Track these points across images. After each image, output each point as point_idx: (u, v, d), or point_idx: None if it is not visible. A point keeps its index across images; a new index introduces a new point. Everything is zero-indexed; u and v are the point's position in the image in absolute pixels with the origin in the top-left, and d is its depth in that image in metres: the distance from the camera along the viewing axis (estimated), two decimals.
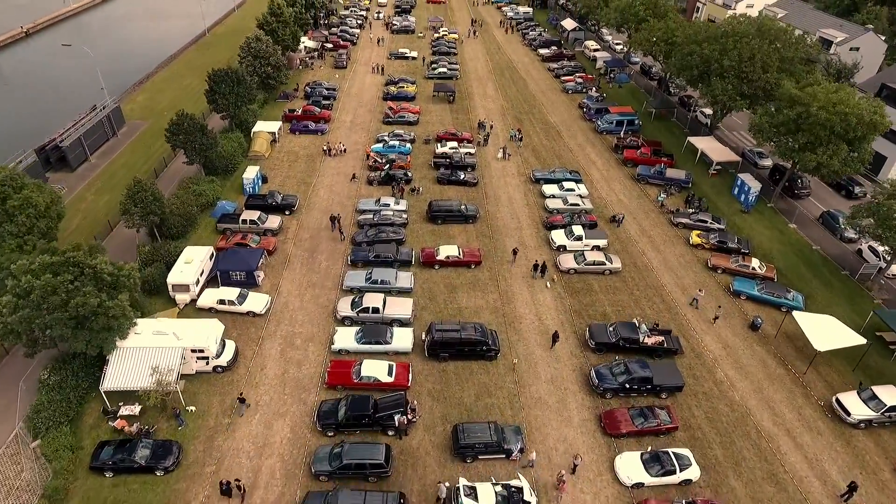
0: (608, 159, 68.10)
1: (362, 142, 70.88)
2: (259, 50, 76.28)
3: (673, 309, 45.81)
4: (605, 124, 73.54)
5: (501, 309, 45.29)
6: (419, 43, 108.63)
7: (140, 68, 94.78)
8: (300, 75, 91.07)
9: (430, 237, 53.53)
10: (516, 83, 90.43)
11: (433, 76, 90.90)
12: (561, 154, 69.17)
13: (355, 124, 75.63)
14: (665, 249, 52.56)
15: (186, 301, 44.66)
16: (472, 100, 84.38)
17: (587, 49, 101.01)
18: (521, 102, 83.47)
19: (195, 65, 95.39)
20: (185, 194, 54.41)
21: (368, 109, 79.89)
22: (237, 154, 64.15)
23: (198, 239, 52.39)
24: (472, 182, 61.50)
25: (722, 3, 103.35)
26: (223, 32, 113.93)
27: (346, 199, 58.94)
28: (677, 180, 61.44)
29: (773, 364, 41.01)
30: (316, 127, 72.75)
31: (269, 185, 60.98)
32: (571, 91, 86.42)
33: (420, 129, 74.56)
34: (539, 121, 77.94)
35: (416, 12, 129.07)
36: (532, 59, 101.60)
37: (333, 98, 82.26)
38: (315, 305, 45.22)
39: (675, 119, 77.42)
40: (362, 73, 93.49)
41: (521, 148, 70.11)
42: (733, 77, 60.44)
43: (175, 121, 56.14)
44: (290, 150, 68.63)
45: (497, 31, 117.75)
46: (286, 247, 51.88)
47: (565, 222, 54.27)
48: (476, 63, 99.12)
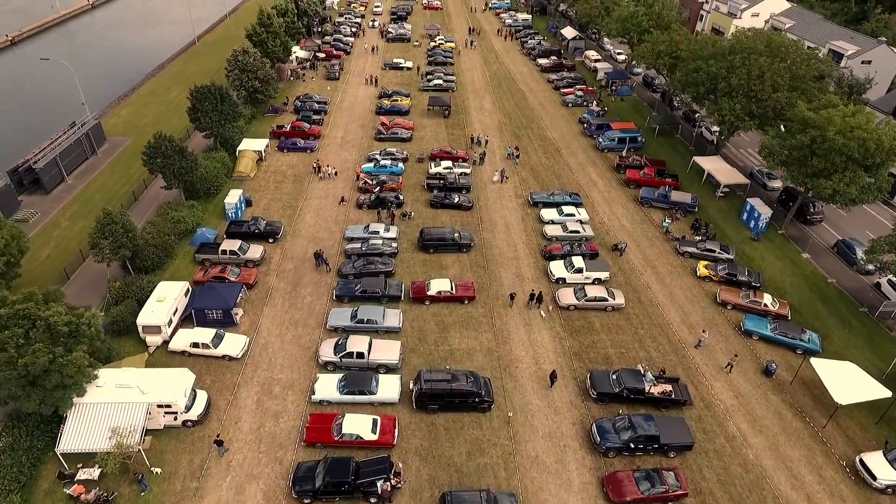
0: (610, 180, 65.02)
1: (353, 160, 67.83)
2: (246, 63, 73.24)
3: (680, 351, 42.73)
4: (606, 141, 70.48)
5: (496, 351, 42.22)
6: (414, 52, 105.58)
7: (126, 79, 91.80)
8: (291, 87, 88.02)
9: (421, 267, 50.47)
10: (514, 96, 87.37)
11: (428, 88, 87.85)
12: (560, 173, 66.11)
13: (346, 141, 72.56)
14: (671, 282, 49.48)
15: (158, 343, 41.61)
16: (469, 114, 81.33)
17: (587, 59, 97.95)
18: (520, 117, 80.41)
19: (183, 76, 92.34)
20: (163, 222, 51.36)
21: (360, 125, 76.83)
22: (221, 175, 61.09)
23: (175, 270, 49.37)
24: (467, 206, 58.43)
25: (727, 11, 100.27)
26: (213, 41, 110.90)
27: (333, 225, 55.89)
28: (683, 204, 58.35)
29: (790, 416, 37.91)
30: (305, 144, 69.70)
31: (253, 210, 57.92)
32: (571, 104, 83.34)
33: (413, 145, 71.51)
34: (538, 137, 74.87)
35: (412, 19, 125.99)
36: (531, 69, 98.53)
37: (324, 112, 79.22)
38: (296, 347, 42.16)
39: (679, 136, 74.33)
40: (355, 84, 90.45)
41: (519, 166, 67.07)
42: (741, 96, 57.34)
43: (152, 143, 53.09)
44: (277, 170, 65.57)
45: (495, 39, 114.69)
46: (268, 279, 48.83)
47: (565, 252, 51.22)
48: (473, 74, 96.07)
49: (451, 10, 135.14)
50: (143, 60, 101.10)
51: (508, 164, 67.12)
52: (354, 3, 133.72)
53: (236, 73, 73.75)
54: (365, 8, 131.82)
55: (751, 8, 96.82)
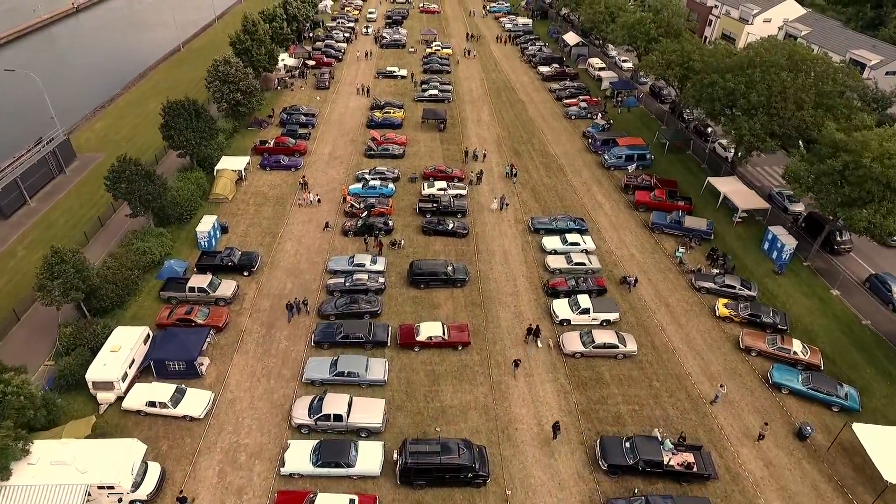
0: (617, 201, 60.16)
1: (340, 179, 63.01)
2: (227, 74, 68.41)
3: (700, 407, 37.89)
4: (612, 159, 65.62)
5: (493, 409, 37.40)
6: (409, 59, 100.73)
7: (104, 89, 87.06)
8: (277, 98, 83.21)
9: (410, 306, 45.65)
10: (514, 107, 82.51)
11: (423, 99, 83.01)
12: (563, 194, 61.26)
13: (334, 157, 67.73)
14: (687, 323, 44.64)
15: (110, 400, 36.83)
16: (466, 126, 76.50)
17: (591, 67, 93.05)
18: (520, 130, 75.57)
19: (164, 86, 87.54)
20: (126, 254, 46.55)
21: (350, 139, 72.00)
22: (195, 198, 56.27)
23: (138, 309, 44.59)
24: (462, 232, 53.60)
25: (738, 17, 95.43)
26: (200, 47, 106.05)
27: (316, 255, 51.07)
28: (698, 231, 53.50)
29: (829, 492, 33.07)
30: (289, 162, 64.85)
31: (229, 237, 53.09)
32: (574, 116, 78.46)
33: (406, 163, 66.68)
34: (539, 153, 70.02)
35: (408, 23, 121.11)
36: (531, 78, 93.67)
37: (312, 125, 74.41)
38: (268, 404, 37.34)
39: (691, 152, 69.43)
40: (346, 94, 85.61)
41: (518, 186, 62.25)
42: (762, 114, 52.50)
43: (115, 167, 48.32)
44: (258, 191, 60.74)
45: (495, 45, 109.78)
46: (240, 320, 44.01)
47: (569, 287, 46.41)
48: (471, 83, 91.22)
49: (449, 14, 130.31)
50: (125, 68, 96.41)
51: (506, 184, 62.29)
52: (348, 6, 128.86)
53: (217, 84, 68.94)
54: (359, 12, 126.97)
55: (763, 13, 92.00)
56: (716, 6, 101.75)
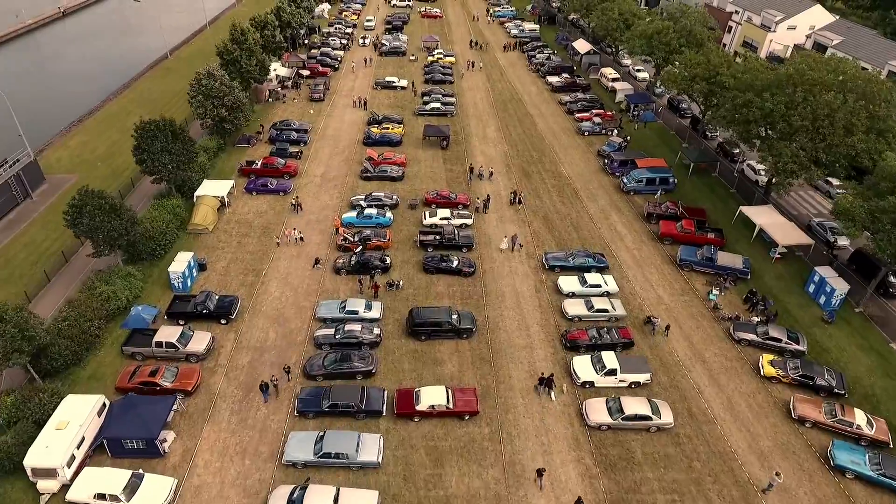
0: (639, 232, 54.37)
1: (333, 205, 57.31)
2: (211, 88, 62.77)
3: (750, 497, 32.09)
4: (632, 182, 59.80)
5: (507, 498, 31.66)
6: (410, 67, 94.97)
7: (84, 101, 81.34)
8: (268, 111, 77.53)
9: (409, 362, 39.92)
10: (522, 121, 76.73)
11: (424, 112, 77.27)
12: (579, 223, 55.49)
13: (327, 180, 62.01)
14: (728, 384, 38.85)
15: (53, 490, 31.18)
16: (470, 143, 70.75)
17: (604, 78, 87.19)
18: (529, 148, 69.79)
19: (148, 97, 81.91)
20: (87, 300, 40.87)
21: (345, 158, 66.28)
22: (172, 229, 50.61)
23: (97, 368, 38.94)
24: (468, 271, 47.85)
25: (760, 24, 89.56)
26: (188, 55, 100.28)
27: (304, 298, 45.36)
28: (733, 269, 47.70)
29: None
30: (277, 185, 59.12)
31: (207, 276, 47.39)
32: (588, 132, 72.67)
33: (406, 186, 60.96)
34: (551, 174, 64.24)
35: (409, 29, 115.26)
36: (540, 88, 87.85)
37: (304, 143, 68.70)
38: (239, 493, 31.64)
39: (717, 174, 63.54)
40: (342, 107, 79.88)
41: (527, 212, 56.51)
42: (804, 138, 46.71)
43: (75, 201, 42.66)
44: (243, 219, 55.05)
45: (500, 53, 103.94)
46: (214, 380, 38.31)
47: (591, 340, 40.66)
48: (475, 94, 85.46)
49: (452, 20, 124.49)
50: (108, 77, 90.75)
51: (516, 214, 56.50)
52: (346, 11, 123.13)
53: (199, 99, 63.30)
54: (357, 17, 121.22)
55: (787, 20, 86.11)
56: (736, 12, 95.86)
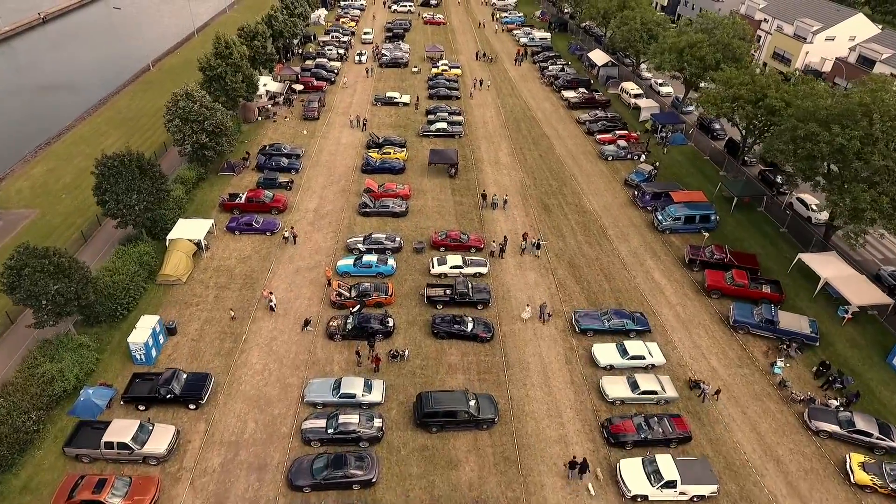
0: (681, 282, 47.07)
1: (326, 247, 50.00)
2: (189, 111, 55.45)
3: None
4: (668, 220, 52.47)
5: None
6: (413, 80, 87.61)
7: (55, 118, 73.97)
8: (257, 131, 70.20)
9: (417, 464, 32.61)
10: (538, 143, 69.38)
11: (429, 133, 69.93)
12: (610, 271, 48.18)
13: (320, 216, 54.66)
14: (811, 494, 31.53)
15: None
16: (481, 170, 63.41)
17: (625, 93, 79.85)
18: (547, 175, 62.45)
19: (125, 116, 74.50)
20: (24, 384, 33.63)
21: (341, 189, 58.93)
22: (138, 282, 43.28)
23: (32, 475, 31.67)
24: (485, 336, 40.53)
25: (793, 34, 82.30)
26: (172, 66, 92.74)
27: (290, 373, 38.03)
28: (798, 335, 40.36)
29: None
30: (264, 224, 51.76)
31: (176, 342, 40.05)
32: (612, 157, 65.37)
33: (410, 223, 53.65)
34: (573, 208, 56.90)
35: (411, 37, 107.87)
36: (555, 104, 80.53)
37: (296, 170, 61.34)
38: None
39: (763, 209, 56.15)
40: (339, 126, 72.53)
41: (546, 255, 49.28)
42: (887, 182, 39.42)
43: (12, 263, 35.30)
44: (223, 266, 47.71)
45: (509, 63, 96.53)
46: (176, 491, 30.98)
47: (640, 434, 33.34)
48: (484, 111, 78.13)
49: (456, 26, 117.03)
50: (84, 90, 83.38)
51: (532, 259, 49.16)
52: (344, 17, 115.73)
53: (176, 123, 55.96)
54: (356, 24, 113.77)
55: (825, 31, 78.87)
56: (765, 21, 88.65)
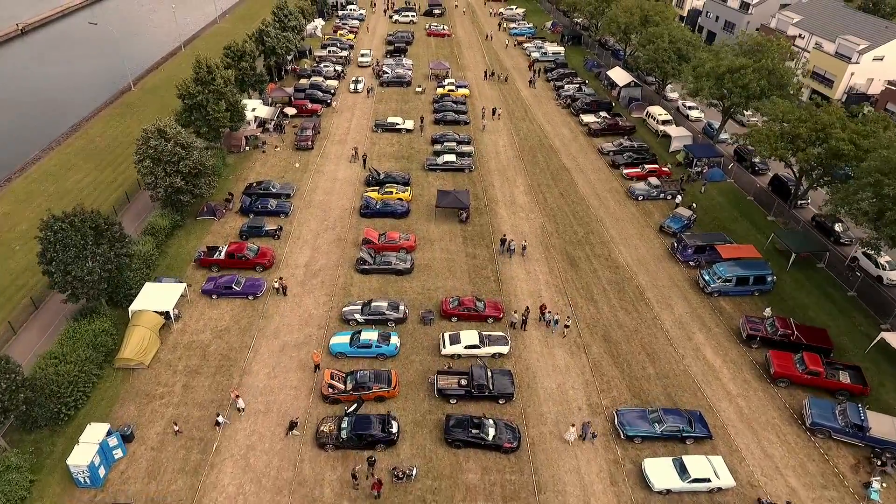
0: (739, 364, 39.60)
1: (318, 316, 42.65)
2: (162, 151, 48.16)
3: None
4: (716, 282, 44.99)
5: None
6: (416, 101, 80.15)
7: (18, 150, 66.48)
8: (244, 164, 62.84)
9: None
10: (557, 179, 61.89)
11: (436, 167, 62.52)
12: (654, 348, 40.73)
13: (311, 273, 47.25)
14: None
15: None
16: (495, 212, 55.99)
17: (651, 118, 72.32)
18: (570, 219, 54.99)
19: (99, 146, 67.18)
20: None
21: (336, 237, 51.55)
22: (89, 373, 35.90)
23: None
24: (510, 445, 33.09)
25: (834, 52, 74.85)
26: (155, 85, 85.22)
27: (270, 498, 30.61)
28: (894, 445, 32.93)
29: None
30: (245, 286, 44.37)
31: (132, 451, 32.63)
32: (643, 197, 57.89)
33: (415, 282, 46.26)
34: (603, 261, 49.48)
35: (414, 51, 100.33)
36: (574, 131, 73.05)
37: (285, 214, 53.95)
38: None
39: (823, 264, 48.65)
40: (334, 158, 65.10)
41: (574, 327, 41.91)
42: None
43: None
44: (195, 342, 40.35)
45: (522, 81, 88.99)
46: None
47: None
48: (497, 138, 70.69)
49: (462, 38, 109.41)
50: (55, 115, 75.95)
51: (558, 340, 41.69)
52: (342, 28, 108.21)
53: (147, 165, 48.69)
54: (355, 36, 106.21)
55: (873, 50, 71.43)
56: (800, 36, 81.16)
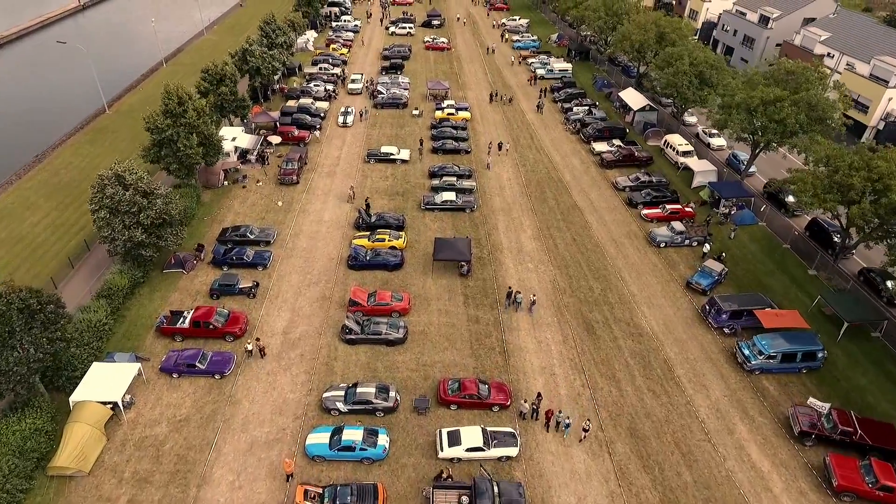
0: (790, 468, 33.37)
1: (294, 402, 36.50)
2: (119, 201, 42.06)
3: None
4: (757, 358, 38.75)
5: None
6: (413, 126, 73.94)
7: None
8: (221, 202, 56.73)
9: None
10: (569, 220, 55.64)
11: (434, 206, 56.29)
12: (689, 445, 34.53)
13: (291, 343, 41.05)
14: None
15: None
16: (500, 262, 49.80)
17: (670, 148, 66.04)
18: (585, 272, 48.74)
19: (64, 178, 61.08)
20: None
21: (320, 295, 45.36)
22: (14, 487, 29.74)
23: None
24: None
25: (868, 74, 68.65)
26: (132, 107, 78.64)
27: None
28: None
29: None
30: (211, 363, 38.21)
31: None
32: (664, 243, 51.71)
33: (408, 356, 40.07)
34: (624, 327, 43.22)
35: (411, 66, 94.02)
36: (584, 160, 66.80)
37: (264, 266, 47.75)
38: None
39: (879, 333, 42.34)
40: (322, 194, 58.92)
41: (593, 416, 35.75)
42: None
43: None
44: (148, 438, 34.18)
45: (527, 101, 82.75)
46: None
47: None
48: (501, 169, 64.46)
49: (462, 52, 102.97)
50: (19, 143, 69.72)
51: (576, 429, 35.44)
52: (335, 42, 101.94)
53: (103, 216, 42.60)
54: (348, 50, 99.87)
55: None
56: (828, 55, 74.96)
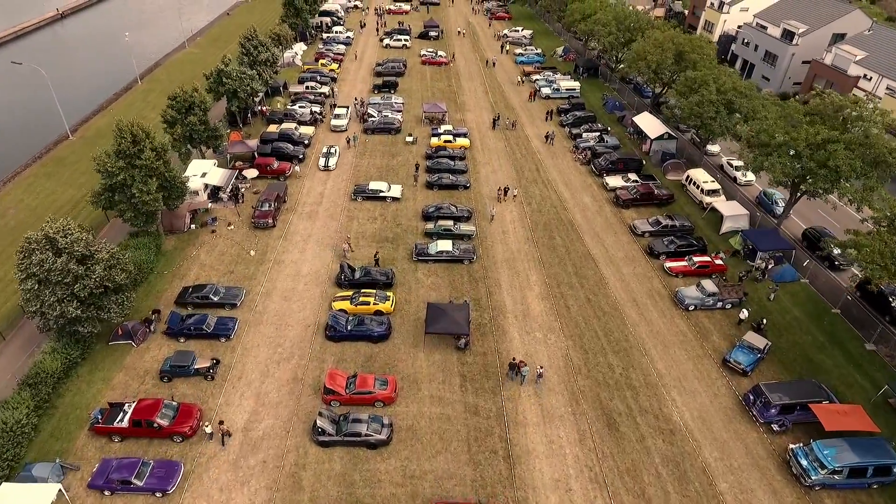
0: None
1: None
2: (50, 269, 35.13)
3: None
4: (819, 473, 31.66)
5: None
6: (406, 154, 66.89)
7: None
8: (185, 250, 49.82)
9: None
10: (582, 274, 48.60)
11: (428, 258, 49.25)
12: None
13: (252, 445, 34.01)
14: None
15: None
16: (504, 330, 42.74)
17: (693, 185, 58.92)
18: (603, 344, 41.70)
19: (7, 223, 54.02)
20: None
21: (292, 376, 38.32)
22: None
23: None
24: None
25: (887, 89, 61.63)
26: (100, 131, 71.54)
27: None
28: None
29: None
30: (149, 480, 31.15)
31: None
32: (693, 306, 44.65)
33: (393, 464, 33.04)
34: (653, 421, 36.14)
35: (406, 83, 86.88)
36: (597, 197, 59.73)
37: (227, 336, 40.71)
38: None
39: None
40: (301, 241, 51.92)
41: None
42: None
43: None
44: None
45: (531, 125, 75.76)
46: None
47: None
48: (503, 209, 57.42)
49: (461, 67, 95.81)
50: None
51: None
52: (324, 56, 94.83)
53: (32, 287, 35.66)
54: (339, 66, 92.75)
55: None
56: (865, 77, 67.94)
